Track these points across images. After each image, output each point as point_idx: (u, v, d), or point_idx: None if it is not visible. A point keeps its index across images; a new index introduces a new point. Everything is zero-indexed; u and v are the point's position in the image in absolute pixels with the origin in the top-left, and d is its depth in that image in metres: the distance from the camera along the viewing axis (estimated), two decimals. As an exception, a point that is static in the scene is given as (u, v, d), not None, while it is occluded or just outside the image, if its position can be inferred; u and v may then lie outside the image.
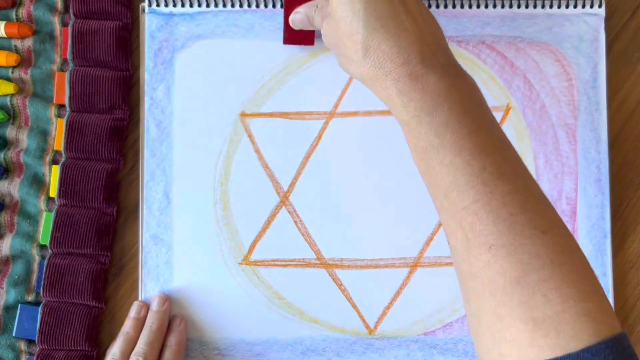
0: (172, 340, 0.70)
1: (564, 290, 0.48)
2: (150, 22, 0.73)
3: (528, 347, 0.48)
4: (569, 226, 0.71)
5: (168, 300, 0.71)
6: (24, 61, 0.73)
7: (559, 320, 0.47)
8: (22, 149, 0.72)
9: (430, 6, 0.73)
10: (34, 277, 0.72)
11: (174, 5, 0.73)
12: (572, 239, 0.52)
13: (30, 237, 0.72)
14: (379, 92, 0.57)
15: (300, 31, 0.70)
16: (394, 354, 0.72)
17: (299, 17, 0.67)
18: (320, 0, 0.63)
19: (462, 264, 0.53)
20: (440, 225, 0.72)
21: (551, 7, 0.73)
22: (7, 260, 0.72)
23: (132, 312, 0.70)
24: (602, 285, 0.70)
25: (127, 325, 0.70)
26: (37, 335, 0.69)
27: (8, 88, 0.72)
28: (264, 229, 0.72)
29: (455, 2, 0.73)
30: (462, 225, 0.52)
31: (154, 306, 0.70)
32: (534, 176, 0.72)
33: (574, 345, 0.47)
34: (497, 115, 0.72)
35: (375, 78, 0.56)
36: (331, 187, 0.72)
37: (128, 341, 0.69)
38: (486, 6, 0.73)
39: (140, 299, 0.72)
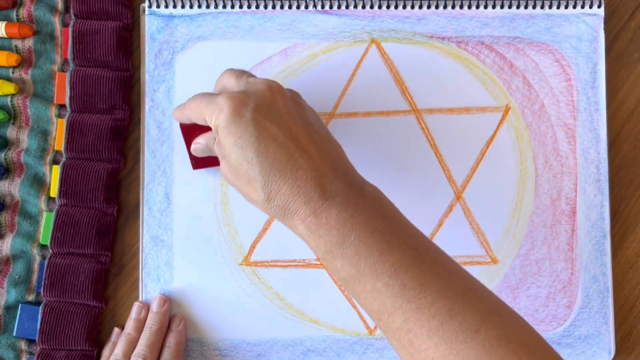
0: (172, 340, 0.70)
1: None
2: (150, 24, 0.73)
3: None
4: (569, 226, 0.72)
5: (168, 301, 0.71)
6: (24, 61, 0.73)
7: None
8: (22, 149, 0.72)
9: (429, 7, 0.73)
10: (35, 277, 0.72)
11: (174, 7, 0.73)
12: (508, 324, 0.52)
13: (31, 237, 0.72)
14: (291, 228, 0.58)
15: (207, 157, 0.70)
16: (394, 354, 0.71)
17: (200, 148, 0.68)
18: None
19: None
20: (440, 225, 0.72)
21: (550, 7, 0.73)
22: (7, 260, 0.72)
23: (133, 313, 0.70)
24: (602, 285, 0.71)
25: (129, 327, 0.70)
26: (37, 335, 0.69)
27: (9, 88, 0.72)
28: (264, 230, 0.72)
29: (455, 2, 0.73)
30: (402, 343, 0.53)
31: (154, 307, 0.70)
32: (533, 177, 0.72)
33: None
34: (497, 116, 0.72)
35: (283, 218, 0.58)
36: (331, 188, 0.72)
37: (130, 342, 0.69)
38: (485, 7, 0.73)
39: (140, 299, 0.71)
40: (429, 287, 0.52)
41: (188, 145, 0.69)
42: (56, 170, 0.71)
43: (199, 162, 0.71)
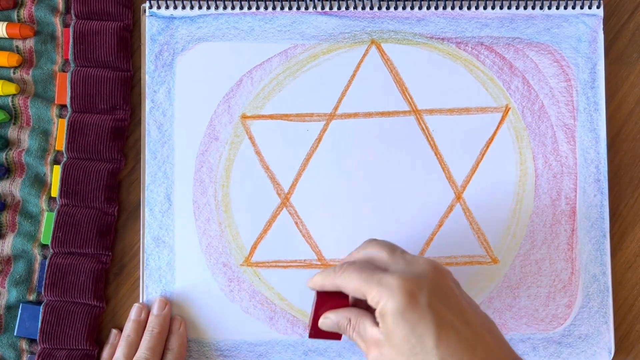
0: (174, 343, 0.69)
1: None
2: (150, 26, 0.73)
3: None
4: (568, 226, 0.72)
5: (168, 304, 0.71)
6: (25, 62, 0.74)
7: None
8: (23, 149, 0.72)
9: (429, 8, 0.73)
10: (36, 276, 0.72)
11: (175, 8, 0.73)
12: None
13: (32, 237, 0.72)
14: None
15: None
16: (395, 354, 0.72)
17: (328, 323, 0.60)
18: (354, 313, 0.58)
19: None
20: (440, 225, 0.72)
21: (550, 8, 0.73)
22: (8, 260, 0.72)
23: (132, 314, 0.70)
24: (602, 284, 0.71)
25: (128, 328, 0.70)
26: (38, 335, 0.69)
27: (10, 88, 0.72)
28: (265, 231, 0.72)
29: (455, 3, 0.74)
30: None
31: (155, 310, 0.70)
32: (533, 177, 0.72)
33: None
34: (496, 116, 0.73)
35: None
36: (332, 188, 0.73)
37: (130, 345, 0.69)
38: (485, 7, 0.73)
39: (140, 301, 0.71)
40: None
41: (316, 312, 0.61)
42: (57, 170, 0.71)
43: (318, 333, 0.62)
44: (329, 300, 0.60)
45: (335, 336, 0.62)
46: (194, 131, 0.73)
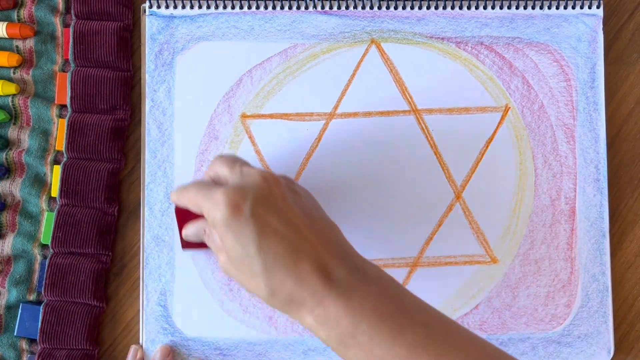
0: None
1: None
2: (150, 25, 0.73)
3: None
4: (568, 226, 0.72)
5: (171, 353, 0.71)
6: (25, 62, 0.74)
7: None
8: (23, 149, 0.72)
9: (429, 7, 0.73)
10: (36, 276, 0.72)
11: (175, 7, 0.73)
12: None
13: (32, 237, 0.72)
14: (298, 320, 0.57)
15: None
16: (395, 353, 0.72)
17: (190, 235, 0.66)
18: (207, 224, 0.63)
19: None
20: (439, 225, 0.72)
21: (549, 8, 0.73)
22: (8, 260, 0.72)
23: (129, 357, 0.71)
24: (601, 284, 0.71)
25: None
26: (38, 335, 0.69)
27: (10, 88, 0.72)
28: (264, 230, 0.72)
29: (454, 3, 0.73)
30: None
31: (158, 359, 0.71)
32: (533, 176, 0.72)
33: None
34: (496, 116, 0.73)
35: (290, 312, 0.56)
36: (331, 188, 0.73)
37: None
38: (485, 7, 0.73)
39: (140, 341, 0.72)
40: None
41: (180, 227, 0.68)
42: (57, 170, 0.71)
43: (188, 245, 0.69)
44: (189, 213, 0.63)
45: (203, 245, 0.66)
46: (194, 130, 0.73)
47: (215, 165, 0.63)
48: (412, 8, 0.73)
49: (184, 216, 0.66)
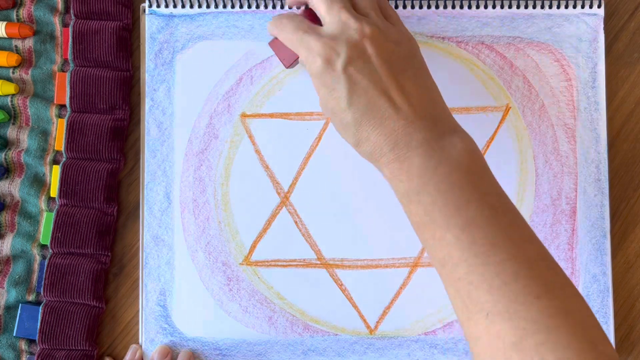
0: None
1: (559, 353, 0.50)
2: (150, 24, 0.73)
3: None
4: (569, 226, 0.72)
5: (170, 353, 0.71)
6: (24, 61, 0.73)
7: None
8: (22, 149, 0.72)
9: (429, 7, 0.73)
10: (35, 276, 0.72)
11: (174, 7, 0.73)
12: (570, 299, 0.53)
13: (31, 237, 0.72)
14: (379, 170, 0.60)
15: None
16: (395, 353, 0.72)
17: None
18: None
19: (465, 326, 0.56)
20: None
21: (550, 7, 0.73)
22: (7, 260, 0.72)
23: (128, 355, 0.71)
24: (602, 284, 0.71)
25: None
26: (37, 335, 0.69)
27: (9, 88, 0.72)
28: (264, 230, 0.72)
29: (455, 2, 0.73)
30: (459, 293, 0.55)
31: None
32: (534, 176, 0.72)
33: None
34: (497, 116, 0.72)
35: (370, 159, 0.60)
36: (331, 187, 0.72)
37: None
38: (485, 7, 0.73)
39: (140, 341, 0.72)
40: (499, 247, 0.54)
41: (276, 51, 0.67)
42: (56, 170, 0.71)
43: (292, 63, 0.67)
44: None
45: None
46: (194, 130, 0.73)
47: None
48: (412, 7, 0.73)
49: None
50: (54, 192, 0.71)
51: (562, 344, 0.50)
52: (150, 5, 0.73)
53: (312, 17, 0.64)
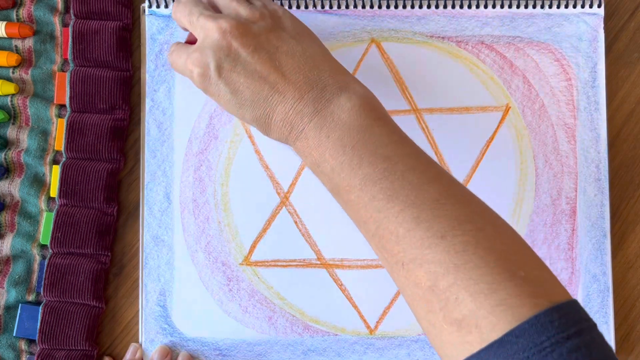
0: None
1: (472, 289, 0.49)
2: (150, 25, 0.73)
3: (460, 345, 0.49)
4: (569, 225, 0.72)
5: (169, 354, 0.71)
6: (24, 61, 0.73)
7: (476, 316, 0.48)
8: (22, 149, 0.72)
9: (429, 7, 0.73)
10: (35, 276, 0.72)
11: (174, 7, 0.73)
12: (482, 230, 0.52)
13: (31, 237, 0.72)
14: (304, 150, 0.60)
15: None
16: (395, 353, 0.72)
17: None
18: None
19: (392, 279, 0.56)
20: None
21: (550, 7, 0.73)
22: (7, 260, 0.72)
23: (128, 354, 0.71)
24: (602, 284, 0.71)
25: None
26: (37, 335, 0.69)
27: (9, 88, 0.72)
28: (264, 230, 0.72)
29: (455, 2, 0.73)
30: (377, 248, 0.56)
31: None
32: (534, 176, 0.72)
33: (495, 336, 0.47)
34: (497, 115, 0.72)
35: (283, 142, 0.61)
36: (331, 188, 0.73)
37: None
38: (485, 6, 0.73)
39: (140, 341, 0.72)
40: (397, 197, 0.54)
41: None
42: (56, 170, 0.71)
43: None
44: None
45: None
46: (194, 130, 0.73)
47: (177, 13, 0.65)
48: (412, 7, 0.73)
49: None
50: (54, 192, 0.71)
51: (473, 279, 0.49)
52: (150, 6, 0.73)
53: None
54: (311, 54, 0.60)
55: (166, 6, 0.73)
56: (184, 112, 0.73)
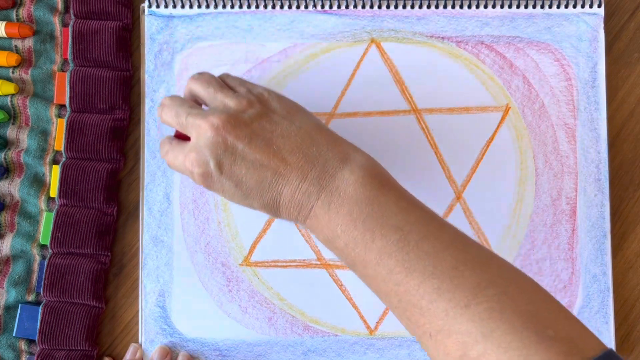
0: None
1: (502, 357, 0.49)
2: (150, 25, 0.73)
3: None
4: (569, 226, 0.72)
5: (169, 354, 0.71)
6: (24, 61, 0.73)
7: None
8: (22, 149, 0.72)
9: (429, 7, 0.73)
10: (35, 277, 0.72)
11: (174, 7, 0.73)
12: (503, 294, 0.52)
13: (31, 237, 0.71)
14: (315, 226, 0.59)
15: None
16: (395, 354, 0.71)
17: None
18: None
19: (422, 347, 0.55)
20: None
21: (550, 7, 0.73)
22: (7, 260, 0.72)
23: (128, 354, 0.71)
24: (602, 284, 0.71)
25: None
26: (37, 335, 0.69)
27: (8, 88, 0.72)
28: (264, 230, 0.72)
29: (455, 2, 0.73)
30: (402, 319, 0.56)
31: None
32: (534, 176, 0.72)
33: None
34: (497, 116, 0.72)
35: (293, 221, 0.60)
36: (331, 188, 0.72)
37: None
38: (485, 7, 0.73)
39: (140, 341, 0.72)
40: (415, 270, 0.53)
41: None
42: (56, 170, 0.71)
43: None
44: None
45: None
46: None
47: (164, 111, 0.63)
48: (412, 7, 0.73)
49: None
50: (54, 192, 0.71)
51: (502, 346, 0.49)
52: (149, 6, 0.73)
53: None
54: (306, 130, 0.59)
55: (166, 6, 0.73)
56: (184, 112, 0.73)
